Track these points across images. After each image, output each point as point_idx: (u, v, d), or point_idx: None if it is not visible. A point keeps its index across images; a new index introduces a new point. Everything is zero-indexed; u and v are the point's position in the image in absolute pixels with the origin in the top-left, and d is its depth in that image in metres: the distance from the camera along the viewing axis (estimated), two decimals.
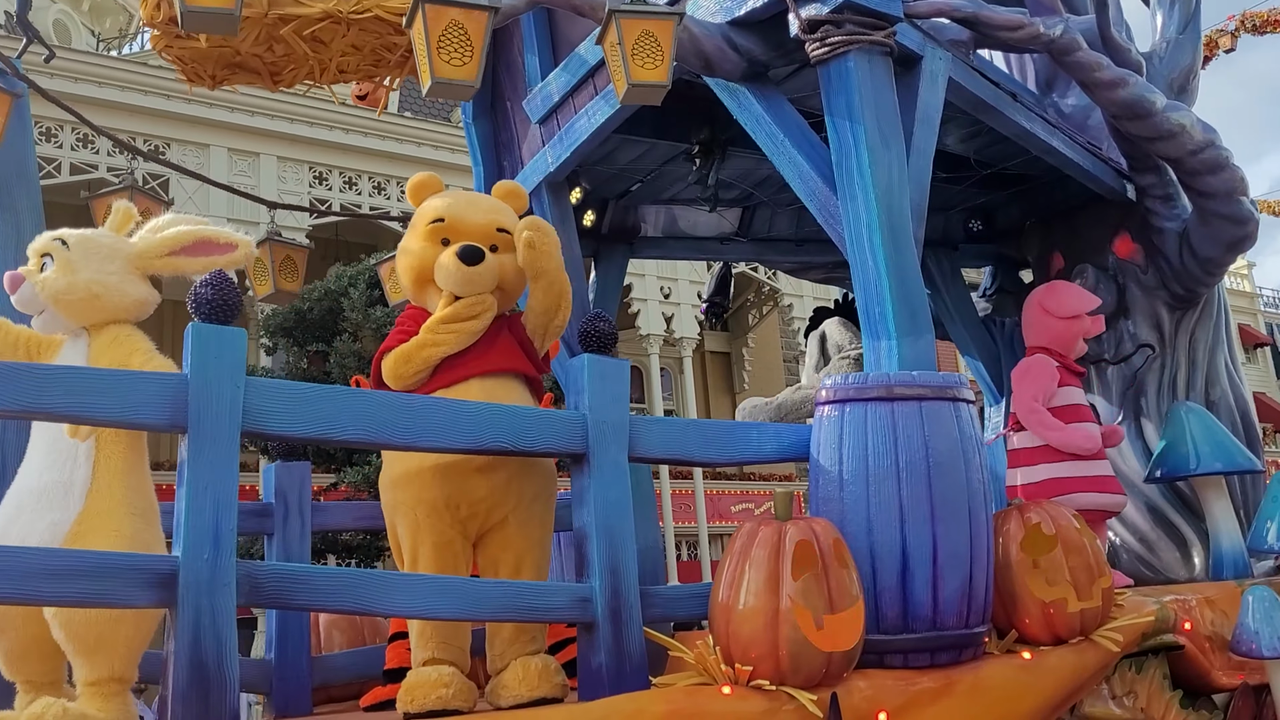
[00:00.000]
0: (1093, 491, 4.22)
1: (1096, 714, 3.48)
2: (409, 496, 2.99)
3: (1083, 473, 4.24)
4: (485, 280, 3.10)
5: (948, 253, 5.79)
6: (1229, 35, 18.58)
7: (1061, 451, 4.26)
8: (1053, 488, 4.21)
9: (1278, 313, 33.97)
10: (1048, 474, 4.26)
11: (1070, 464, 4.25)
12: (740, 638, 2.78)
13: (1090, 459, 4.26)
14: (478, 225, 3.17)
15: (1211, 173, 4.59)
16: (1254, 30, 18.30)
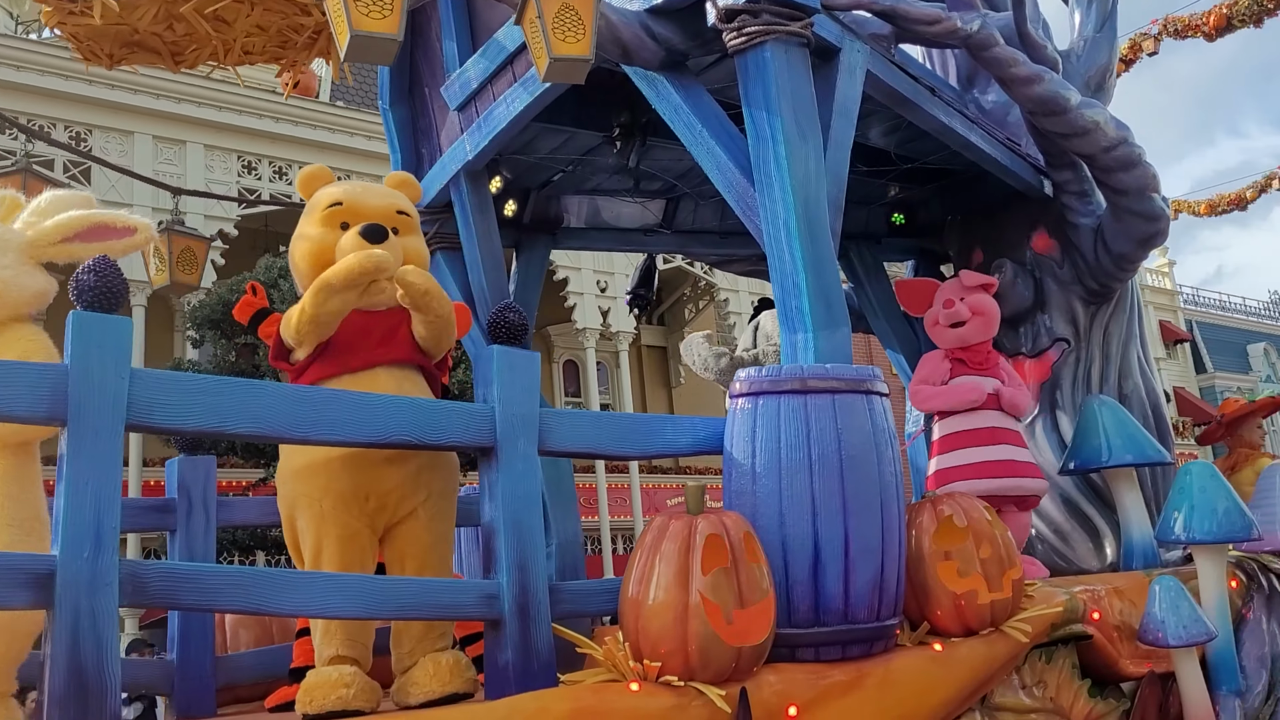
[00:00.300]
0: (1011, 476, 4.28)
1: (1006, 704, 3.51)
2: (314, 488, 2.91)
3: (1001, 457, 4.29)
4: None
5: (870, 246, 5.82)
6: (1152, 39, 19.00)
7: (978, 438, 4.31)
8: (969, 472, 4.26)
9: (1197, 309, 34.96)
10: (966, 459, 4.30)
11: (987, 449, 4.30)
12: (649, 633, 2.74)
13: (1009, 444, 4.32)
14: (377, 207, 3.13)
15: (1124, 169, 4.67)
16: (1175, 34, 18.72)
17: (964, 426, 4.46)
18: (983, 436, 4.40)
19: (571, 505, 4.59)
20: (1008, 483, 4.27)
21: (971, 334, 4.58)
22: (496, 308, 3.02)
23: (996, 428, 4.39)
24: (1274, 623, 4.43)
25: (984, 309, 4.58)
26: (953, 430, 4.50)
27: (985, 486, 4.23)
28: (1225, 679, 4.12)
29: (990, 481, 4.25)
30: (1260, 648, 4.30)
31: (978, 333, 4.58)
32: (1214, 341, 34.23)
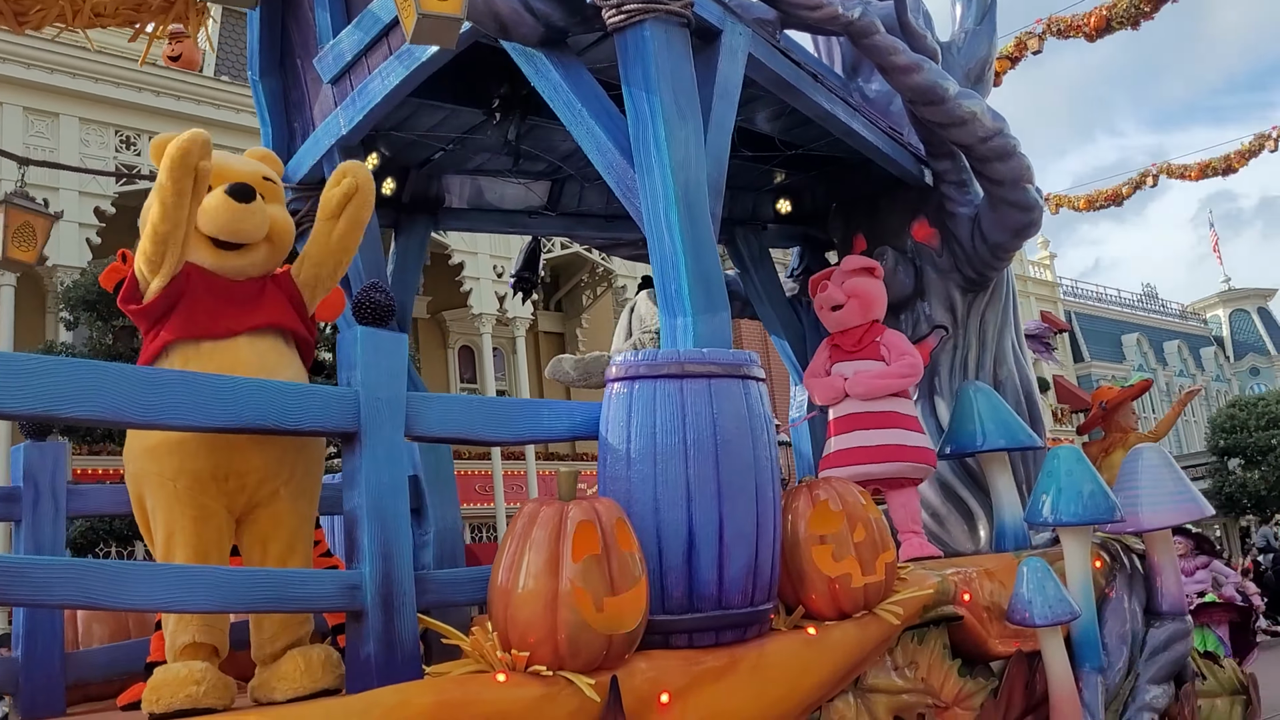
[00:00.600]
0: (910, 461, 4.35)
1: (879, 685, 3.55)
2: (168, 467, 2.74)
3: (885, 441, 4.35)
4: (257, 220, 2.93)
5: (756, 232, 5.84)
6: (1037, 38, 19.58)
7: (862, 421, 4.37)
8: (854, 456, 4.31)
9: (1075, 301, 36.37)
10: (849, 443, 4.36)
11: (895, 432, 4.36)
12: (518, 622, 2.68)
13: (897, 428, 4.38)
14: (243, 172, 2.99)
15: (1000, 160, 4.76)
16: (1058, 34, 19.33)
17: (848, 411, 4.52)
18: (866, 420, 4.44)
19: (450, 492, 4.48)
20: (890, 467, 4.33)
21: (848, 317, 4.63)
22: (362, 287, 2.90)
23: (879, 412, 4.44)
24: (1135, 601, 4.59)
25: (860, 292, 4.62)
26: (839, 414, 4.55)
27: (867, 471, 4.28)
28: (1088, 656, 4.26)
29: (872, 466, 4.30)
30: (1122, 625, 4.46)
31: (854, 316, 4.62)
32: (1091, 332, 35.69)
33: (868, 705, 3.47)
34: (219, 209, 2.88)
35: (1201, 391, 6.50)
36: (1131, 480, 4.65)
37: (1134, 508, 4.57)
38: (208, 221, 2.88)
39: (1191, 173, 25.00)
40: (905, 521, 4.52)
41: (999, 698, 3.94)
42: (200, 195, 2.86)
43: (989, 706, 3.90)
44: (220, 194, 2.88)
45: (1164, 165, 25.57)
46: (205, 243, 2.91)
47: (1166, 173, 25.47)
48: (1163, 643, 4.51)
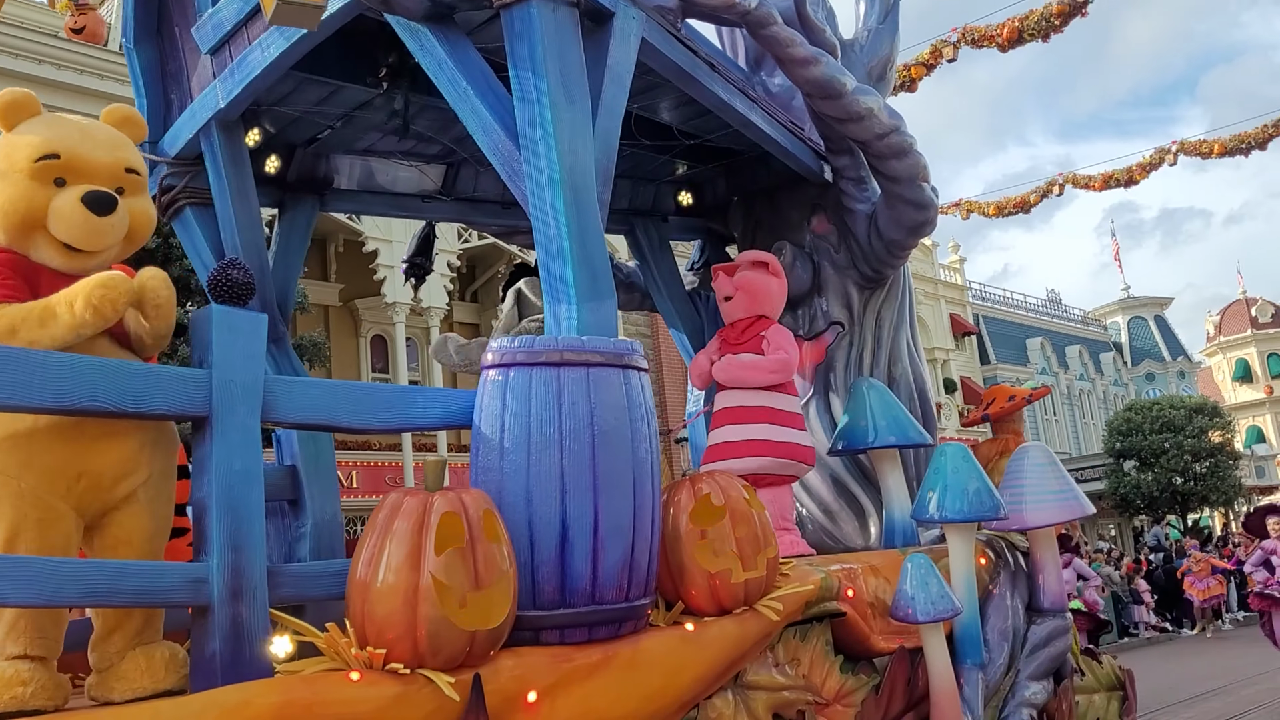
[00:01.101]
0: (779, 457, 4.31)
1: (759, 681, 3.50)
2: (13, 462, 2.53)
3: (763, 437, 4.31)
4: (116, 231, 2.70)
5: (657, 224, 5.77)
6: (952, 46, 19.94)
7: (742, 414, 4.33)
8: (728, 450, 4.26)
9: (983, 304, 37.24)
10: (726, 436, 4.31)
11: (755, 428, 4.32)
12: (376, 618, 2.56)
13: (769, 423, 4.35)
14: (103, 165, 2.73)
15: (896, 157, 4.77)
16: (972, 43, 19.71)
17: (722, 405, 4.48)
18: (738, 415, 4.41)
19: (330, 482, 4.31)
20: (755, 462, 4.30)
21: (735, 309, 4.59)
22: (220, 264, 2.75)
23: (751, 406, 4.40)
24: (1017, 598, 4.65)
25: (748, 285, 4.58)
26: (716, 408, 4.51)
27: (735, 466, 4.24)
28: (969, 652, 4.29)
29: (735, 462, 4.26)
30: (1004, 621, 4.50)
31: (740, 308, 4.58)
32: (997, 335, 36.59)
33: (747, 702, 3.43)
34: (74, 220, 2.63)
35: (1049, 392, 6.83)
36: (1017, 478, 4.71)
37: (1018, 505, 4.63)
38: (62, 229, 2.64)
39: (1095, 183, 25.76)
40: (775, 518, 4.50)
41: (880, 694, 3.94)
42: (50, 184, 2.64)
43: (870, 703, 3.89)
44: (77, 205, 2.62)
45: (1070, 175, 26.32)
46: (55, 244, 2.69)
47: (1072, 182, 26.21)
48: (1043, 639, 4.57)
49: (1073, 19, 18.51)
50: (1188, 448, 29.24)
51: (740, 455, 4.26)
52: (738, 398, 4.41)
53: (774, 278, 4.61)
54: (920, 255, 34.80)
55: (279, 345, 4.44)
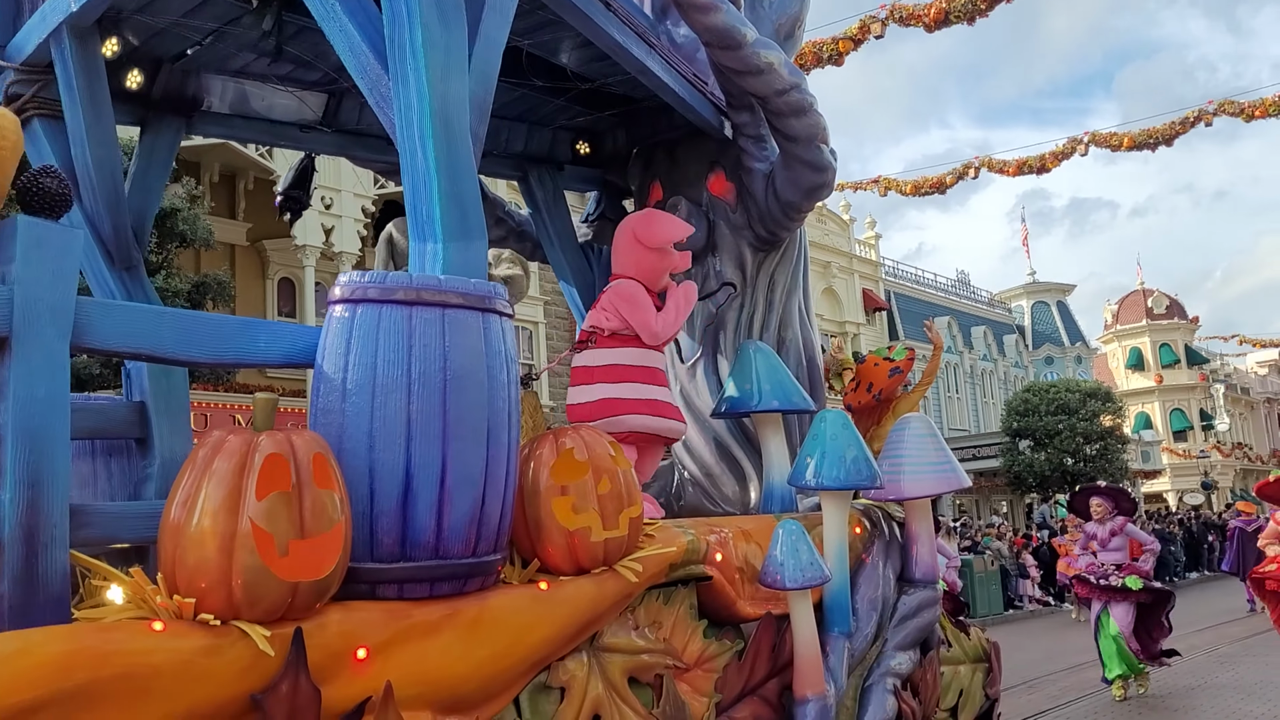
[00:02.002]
0: (648, 414, 4.17)
1: (617, 644, 3.39)
2: None
3: (639, 395, 4.16)
4: None
5: (553, 173, 5.58)
6: (880, 23, 19.98)
7: (619, 372, 4.16)
8: (606, 408, 4.11)
9: (896, 281, 37.79)
10: (603, 394, 4.15)
11: (627, 386, 4.16)
12: (187, 564, 2.36)
13: (649, 383, 4.20)
14: None
15: (795, 116, 4.66)
16: (900, 21, 19.76)
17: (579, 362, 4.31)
18: (592, 374, 4.24)
19: (182, 421, 4.06)
20: (644, 420, 4.16)
21: (613, 264, 4.42)
22: (31, 171, 2.49)
23: (604, 365, 4.24)
24: (890, 568, 4.63)
25: (620, 240, 4.39)
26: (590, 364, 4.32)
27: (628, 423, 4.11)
28: (837, 621, 4.25)
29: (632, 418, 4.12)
30: (874, 591, 4.48)
31: (615, 264, 4.41)
32: (907, 312, 37.19)
33: (601, 665, 3.32)
34: None
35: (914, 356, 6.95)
36: (897, 448, 4.67)
37: (896, 476, 4.59)
38: None
39: (1009, 168, 26.20)
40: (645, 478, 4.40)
41: (743, 660, 3.87)
42: None
43: (732, 669, 3.82)
44: None
45: (985, 159, 26.72)
46: None
47: (987, 166, 26.63)
48: (912, 609, 4.56)
49: (998, 4, 18.69)
50: (1080, 430, 30.22)
51: (598, 415, 4.12)
52: (590, 356, 4.25)
53: (639, 243, 4.39)
54: (837, 230, 35.15)
55: (132, 273, 4.16)
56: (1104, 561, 9.18)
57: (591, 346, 4.22)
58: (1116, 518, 9.13)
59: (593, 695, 3.23)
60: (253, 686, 2.36)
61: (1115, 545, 9.04)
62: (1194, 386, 47.24)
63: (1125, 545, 9.22)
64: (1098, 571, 9.17)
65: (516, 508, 3.18)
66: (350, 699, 2.56)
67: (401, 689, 2.64)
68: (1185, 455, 45.01)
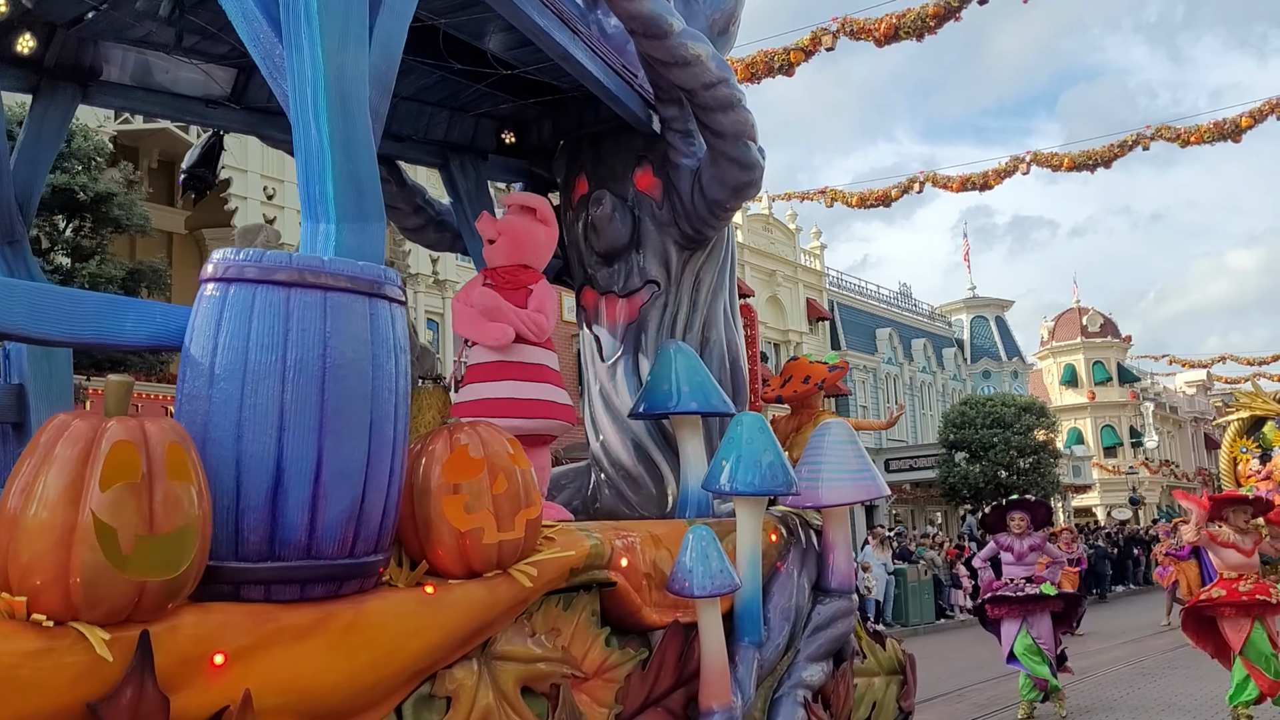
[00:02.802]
0: (521, 416, 4.02)
1: (511, 652, 3.23)
2: None
3: (515, 394, 4.02)
4: None
5: (476, 162, 5.40)
6: (830, 35, 20.07)
7: (498, 370, 4.03)
8: (481, 408, 3.96)
9: (839, 292, 38.05)
10: (479, 394, 4.00)
11: (505, 384, 4.02)
12: (21, 559, 2.16)
13: (532, 380, 4.06)
14: None
15: (722, 111, 4.54)
16: (851, 35, 19.88)
17: (477, 359, 4.17)
18: (489, 371, 4.09)
19: (65, 405, 3.83)
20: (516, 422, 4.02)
21: (495, 255, 4.27)
22: None
23: (501, 362, 4.10)
24: (805, 577, 4.52)
25: (509, 229, 4.26)
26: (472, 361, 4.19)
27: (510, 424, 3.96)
28: (748, 630, 4.13)
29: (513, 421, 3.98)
30: (788, 600, 4.37)
31: (501, 254, 4.25)
32: (850, 322, 37.49)
33: (493, 673, 3.16)
34: None
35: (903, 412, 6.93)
36: (816, 454, 4.58)
37: (815, 483, 4.50)
38: None
39: (953, 184, 26.48)
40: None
41: (647, 670, 3.73)
42: None
43: (635, 679, 3.68)
44: None
45: (930, 174, 26.98)
46: None
47: (932, 181, 26.88)
48: (826, 619, 4.47)
49: (947, 21, 18.92)
50: (1014, 444, 30.63)
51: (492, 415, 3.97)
52: (487, 353, 4.10)
53: (541, 225, 4.28)
54: (783, 239, 35.31)
55: (14, 248, 3.93)
56: (1013, 576, 9.15)
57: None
58: (1034, 533, 9.15)
59: (482, 705, 3.07)
60: (90, 694, 2.17)
61: (1030, 560, 9.03)
62: (1125, 404, 48.25)
63: (1037, 560, 9.25)
64: (1013, 587, 9.13)
65: (405, 506, 3.01)
66: (205, 708, 2.37)
67: (263, 698, 2.45)
68: (1115, 471, 45.93)
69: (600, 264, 5.15)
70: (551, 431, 4.33)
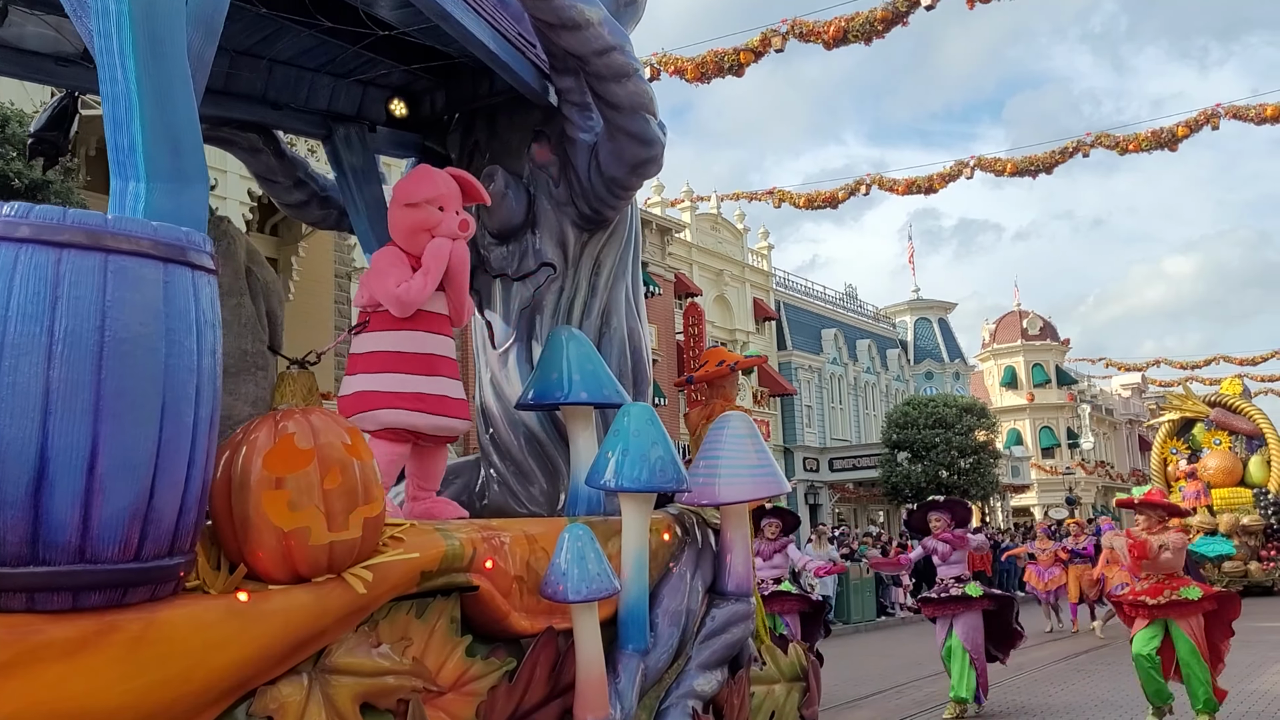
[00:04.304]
0: (407, 409, 3.68)
1: (350, 665, 2.89)
2: None
3: (400, 388, 3.67)
4: None
5: (363, 134, 5.04)
6: (780, 36, 19.99)
7: (381, 361, 3.68)
8: (359, 402, 3.62)
9: (786, 292, 38.03)
10: (358, 386, 3.66)
11: (388, 377, 3.67)
12: None
13: (418, 372, 3.72)
14: None
15: (616, 80, 4.24)
16: (800, 37, 19.80)
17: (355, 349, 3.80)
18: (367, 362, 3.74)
19: None
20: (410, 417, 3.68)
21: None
22: None
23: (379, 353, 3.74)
24: (699, 579, 4.24)
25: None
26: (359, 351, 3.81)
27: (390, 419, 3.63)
28: (632, 636, 3.83)
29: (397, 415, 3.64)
30: (678, 603, 4.07)
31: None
32: (796, 323, 37.49)
33: (326, 689, 2.82)
34: None
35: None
36: (713, 448, 4.29)
37: (712, 479, 4.22)
38: None
39: (899, 187, 26.59)
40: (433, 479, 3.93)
41: (515, 681, 3.42)
42: None
43: (501, 692, 3.36)
44: None
45: (876, 177, 27.04)
46: None
47: (878, 184, 26.93)
48: (721, 625, 4.19)
49: (895, 26, 18.98)
50: (955, 444, 30.80)
51: (351, 411, 3.63)
52: (358, 343, 3.75)
53: (394, 199, 3.89)
54: (731, 238, 35.19)
55: None
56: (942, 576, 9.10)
57: (365, 330, 3.72)
58: (954, 532, 9.08)
59: None
60: None
61: (955, 559, 8.97)
62: (1062, 406, 48.86)
63: (965, 559, 9.18)
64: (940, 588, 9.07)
65: (222, 502, 2.67)
66: None
67: None
68: (1052, 471, 46.49)
69: (494, 245, 4.82)
70: (452, 431, 3.97)
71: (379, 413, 3.60)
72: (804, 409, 36.15)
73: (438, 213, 3.79)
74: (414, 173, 3.96)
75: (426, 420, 3.71)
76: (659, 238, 30.78)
